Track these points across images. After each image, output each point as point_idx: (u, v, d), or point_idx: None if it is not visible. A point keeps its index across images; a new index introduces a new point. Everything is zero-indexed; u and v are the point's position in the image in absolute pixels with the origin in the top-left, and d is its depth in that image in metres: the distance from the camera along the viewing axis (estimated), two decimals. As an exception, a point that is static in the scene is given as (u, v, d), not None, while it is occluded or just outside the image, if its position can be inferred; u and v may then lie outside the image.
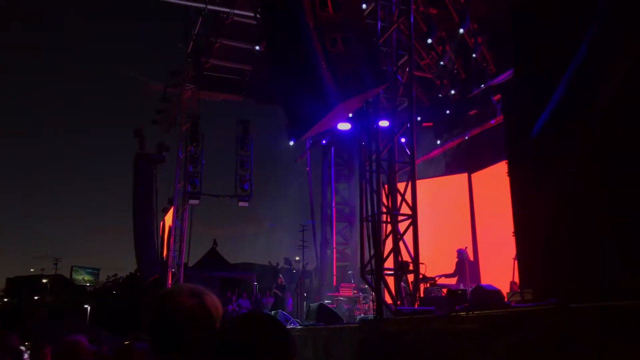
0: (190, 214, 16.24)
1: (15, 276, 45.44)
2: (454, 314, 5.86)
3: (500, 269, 9.42)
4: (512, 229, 6.83)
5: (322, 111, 7.17)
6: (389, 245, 8.21)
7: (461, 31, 11.47)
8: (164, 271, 16.03)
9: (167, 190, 17.36)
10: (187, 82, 16.01)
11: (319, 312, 9.66)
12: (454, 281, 10.21)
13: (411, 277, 8.07)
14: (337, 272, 16.40)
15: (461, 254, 10.46)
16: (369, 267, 8.21)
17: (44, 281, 43.19)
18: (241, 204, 16.08)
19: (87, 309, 35.83)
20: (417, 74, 10.63)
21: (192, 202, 15.39)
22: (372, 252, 8.18)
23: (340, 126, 9.97)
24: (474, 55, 11.78)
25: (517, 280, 7.34)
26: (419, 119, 11.98)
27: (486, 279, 10.36)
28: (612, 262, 5.07)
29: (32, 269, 51.96)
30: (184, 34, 15.34)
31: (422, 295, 8.19)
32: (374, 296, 8.30)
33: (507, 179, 7.21)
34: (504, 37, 11.04)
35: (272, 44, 8.54)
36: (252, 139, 16.46)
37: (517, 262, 7.04)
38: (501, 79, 11.43)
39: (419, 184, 8.77)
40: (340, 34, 6.91)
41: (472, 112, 12.11)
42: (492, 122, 11.98)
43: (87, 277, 45.63)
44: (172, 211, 16.76)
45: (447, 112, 13.09)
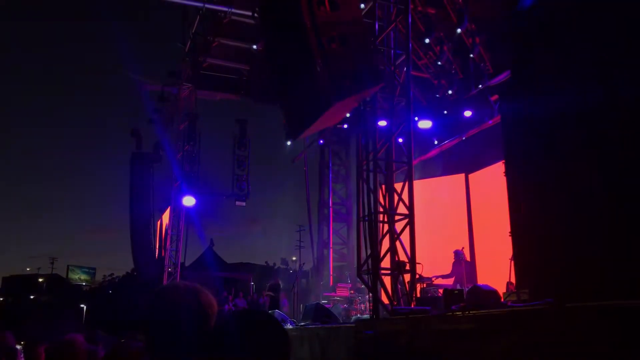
0: (186, 213, 16.23)
1: (11, 275, 45.36)
2: (451, 313, 5.86)
3: (496, 269, 9.43)
4: (509, 230, 6.83)
5: (319, 110, 7.15)
6: (385, 245, 8.20)
7: (459, 31, 11.47)
8: (160, 271, 16.00)
9: (164, 189, 17.37)
10: (185, 81, 15.98)
11: (316, 312, 9.64)
12: (450, 282, 10.20)
13: (408, 277, 8.08)
14: (333, 272, 16.39)
15: (458, 255, 10.46)
16: (365, 267, 8.21)
17: (40, 280, 43.13)
18: (238, 203, 16.07)
19: (83, 308, 35.78)
20: (414, 73, 10.61)
21: (189, 201, 15.35)
22: (369, 251, 8.18)
23: (337, 125, 9.96)
24: (471, 55, 11.77)
25: (513, 280, 7.36)
26: (416, 118, 11.99)
27: (483, 279, 10.37)
28: (608, 262, 5.07)
29: (28, 268, 51.93)
30: (182, 33, 15.32)
31: (418, 295, 8.19)
32: (371, 296, 8.30)
33: (504, 179, 7.22)
34: (502, 38, 11.05)
35: (270, 43, 8.51)
36: (249, 138, 16.50)
37: (513, 262, 7.06)
38: (499, 79, 11.44)
39: (416, 184, 8.78)
40: (337, 32, 6.90)
41: (469, 112, 12.10)
42: (490, 122, 11.98)
43: (83, 277, 45.61)
44: (168, 210, 16.74)
45: (445, 112, 13.09)
